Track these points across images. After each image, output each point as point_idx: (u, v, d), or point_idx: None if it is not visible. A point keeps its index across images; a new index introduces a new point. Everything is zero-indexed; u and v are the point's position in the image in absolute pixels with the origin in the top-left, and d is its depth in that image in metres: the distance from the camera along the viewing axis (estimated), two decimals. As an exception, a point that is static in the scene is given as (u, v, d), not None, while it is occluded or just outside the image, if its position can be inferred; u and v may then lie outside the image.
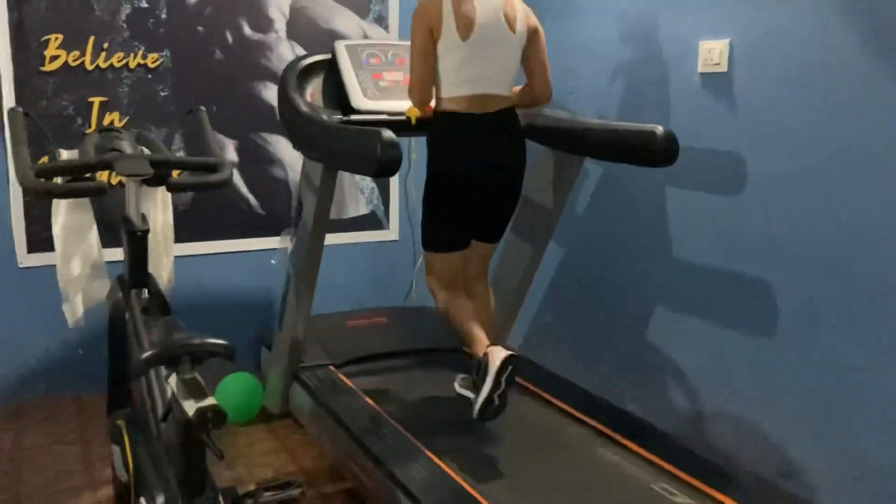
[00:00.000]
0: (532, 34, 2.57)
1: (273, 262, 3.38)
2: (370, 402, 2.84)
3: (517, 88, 2.68)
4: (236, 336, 3.61)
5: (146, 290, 2.22)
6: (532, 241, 3.11)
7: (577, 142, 2.80)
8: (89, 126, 3.33)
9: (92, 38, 3.30)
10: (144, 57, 3.40)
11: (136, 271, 2.20)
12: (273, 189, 3.74)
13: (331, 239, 3.82)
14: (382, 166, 2.19)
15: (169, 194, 2.52)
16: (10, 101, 3.19)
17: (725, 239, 2.69)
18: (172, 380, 1.70)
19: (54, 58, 3.25)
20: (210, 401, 1.61)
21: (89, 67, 3.31)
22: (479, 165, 2.53)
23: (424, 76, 2.51)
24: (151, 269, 2.51)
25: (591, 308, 3.35)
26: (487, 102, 2.51)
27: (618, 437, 2.58)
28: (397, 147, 2.19)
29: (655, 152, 2.50)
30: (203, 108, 2.54)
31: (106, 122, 3.36)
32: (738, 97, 2.60)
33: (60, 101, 3.29)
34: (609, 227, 3.21)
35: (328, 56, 3.00)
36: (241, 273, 3.73)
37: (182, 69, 3.48)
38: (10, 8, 3.15)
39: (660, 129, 2.50)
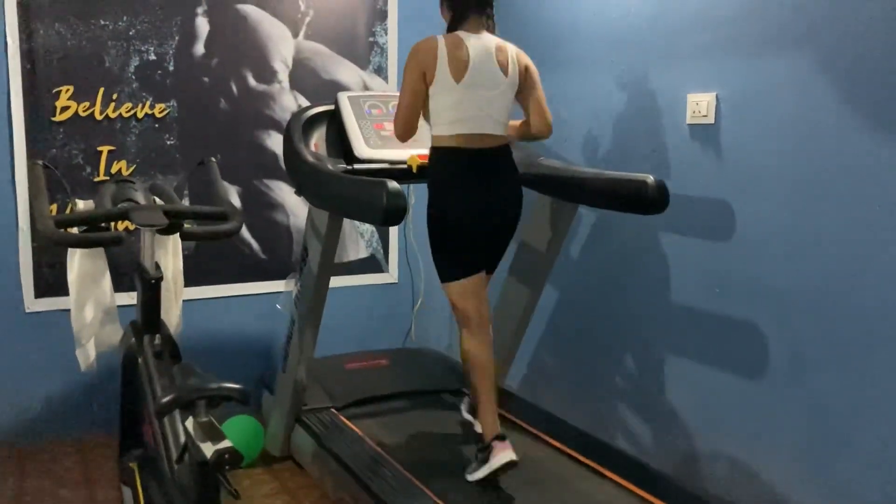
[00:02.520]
0: (524, 73, 2.68)
1: (279, 306, 3.46)
2: (372, 444, 2.90)
3: (515, 123, 2.77)
4: (237, 379, 3.70)
5: (158, 336, 2.29)
6: (529, 284, 3.20)
7: (571, 190, 2.91)
8: (98, 174, 3.43)
9: (102, 90, 3.41)
10: (152, 107, 3.52)
11: (149, 317, 2.28)
12: (275, 234, 3.83)
13: (331, 282, 3.92)
14: (389, 215, 2.28)
15: (180, 242, 2.61)
16: (21, 150, 3.29)
17: (716, 283, 2.79)
18: (189, 422, 1.77)
19: (65, 108, 3.36)
20: (226, 443, 1.68)
21: (98, 117, 3.42)
22: (477, 196, 2.61)
23: (409, 112, 2.62)
24: (162, 314, 2.60)
25: (586, 349, 3.43)
26: (482, 140, 2.61)
27: (613, 475, 2.65)
28: (403, 197, 2.29)
29: (647, 201, 2.60)
30: (214, 159, 2.63)
31: (114, 170, 3.46)
32: (725, 147, 2.72)
33: (70, 150, 3.39)
34: (603, 270, 3.31)
35: (331, 107, 3.12)
36: (243, 317, 3.80)
37: (188, 119, 3.59)
38: (24, 60, 3.27)
39: (651, 179, 2.60)
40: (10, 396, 3.41)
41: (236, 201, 3.71)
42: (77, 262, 2.44)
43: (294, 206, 3.84)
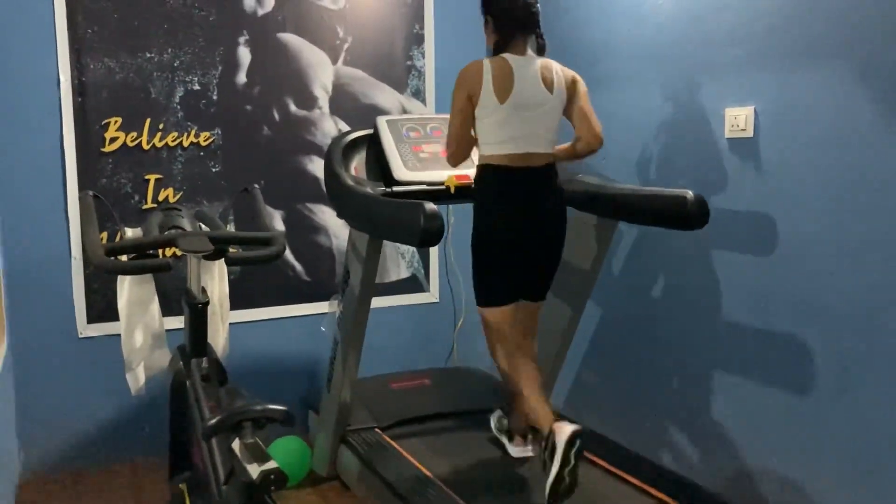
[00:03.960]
0: (571, 86, 2.68)
1: (323, 328, 3.50)
2: (416, 464, 2.91)
3: (563, 146, 2.75)
4: (283, 400, 3.75)
5: (205, 359, 2.34)
6: (570, 302, 3.20)
7: (610, 206, 2.91)
8: (146, 202, 3.53)
9: (148, 120, 3.52)
10: (197, 136, 3.61)
11: (196, 341, 2.34)
12: (318, 256, 3.89)
13: (373, 302, 3.95)
14: (426, 237, 2.31)
15: (225, 266, 2.67)
16: (73, 180, 3.40)
17: (760, 298, 2.76)
18: (236, 444, 1.81)
19: (114, 139, 3.47)
20: (272, 464, 1.72)
21: (146, 147, 3.52)
22: (523, 217, 2.62)
23: (460, 134, 2.65)
24: (209, 338, 2.66)
25: (629, 366, 3.41)
26: (528, 158, 2.61)
27: (659, 493, 2.62)
28: (439, 218, 2.32)
29: (687, 216, 2.59)
30: (256, 186, 2.69)
31: (161, 198, 3.55)
32: (765, 161, 2.70)
33: (119, 179, 3.49)
34: (645, 287, 3.29)
35: (370, 131, 3.17)
36: (288, 338, 3.86)
37: (232, 146, 3.68)
38: (75, 94, 3.39)
39: (690, 194, 2.59)
40: (65, 419, 3.50)
41: (280, 226, 3.78)
42: (126, 289, 2.51)
43: (336, 229, 3.90)
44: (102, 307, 3.47)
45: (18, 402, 3.41)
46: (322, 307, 3.84)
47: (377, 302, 3.97)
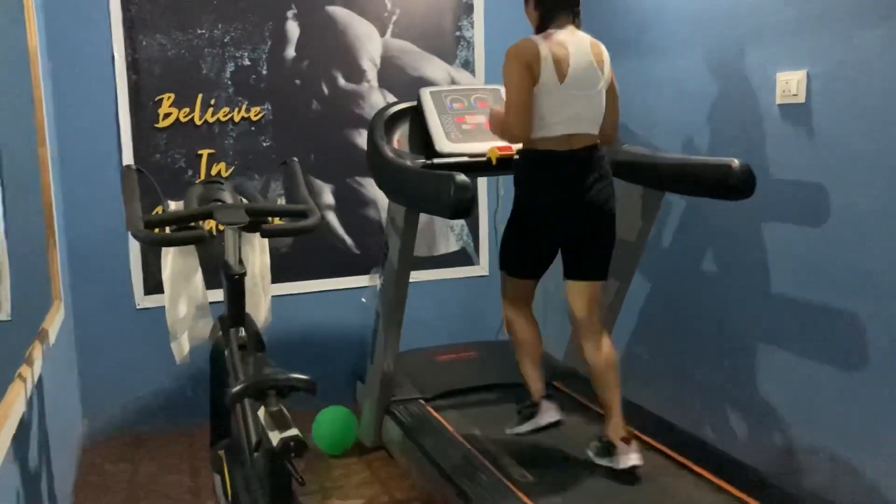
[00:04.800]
0: (611, 78, 2.63)
1: (363, 300, 3.54)
2: (458, 435, 2.93)
3: None
4: (335, 370, 3.81)
5: (243, 329, 2.39)
6: (617, 274, 3.13)
7: (655, 177, 2.84)
8: (199, 176, 3.61)
9: (200, 96, 3.59)
10: (248, 111, 3.66)
11: (234, 311, 2.37)
12: (368, 229, 3.92)
13: (422, 275, 3.99)
14: (456, 209, 2.29)
15: (266, 239, 2.71)
16: (128, 155, 3.51)
17: (813, 270, 2.65)
18: (261, 412, 1.84)
19: (167, 115, 3.55)
20: (292, 431, 1.73)
21: (198, 123, 3.60)
22: (566, 202, 2.57)
23: (522, 110, 2.51)
24: (250, 309, 2.68)
25: (680, 341, 3.33)
26: (576, 140, 2.55)
27: (707, 473, 2.57)
28: (469, 189, 2.29)
29: (731, 185, 2.51)
30: (296, 159, 2.72)
31: (213, 172, 3.63)
32: (818, 128, 2.58)
33: (173, 154, 3.58)
34: (695, 259, 3.20)
35: (414, 103, 3.16)
36: (340, 310, 3.91)
37: (282, 120, 3.72)
38: (129, 71, 3.47)
39: (735, 163, 2.50)
40: (124, 387, 3.64)
41: (330, 199, 3.81)
42: (170, 261, 2.57)
43: (385, 202, 3.89)
44: (159, 279, 3.54)
45: (81, 371, 3.56)
46: (367, 280, 3.88)
47: (426, 275, 4.01)
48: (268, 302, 2.76)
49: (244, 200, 2.62)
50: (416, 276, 4.05)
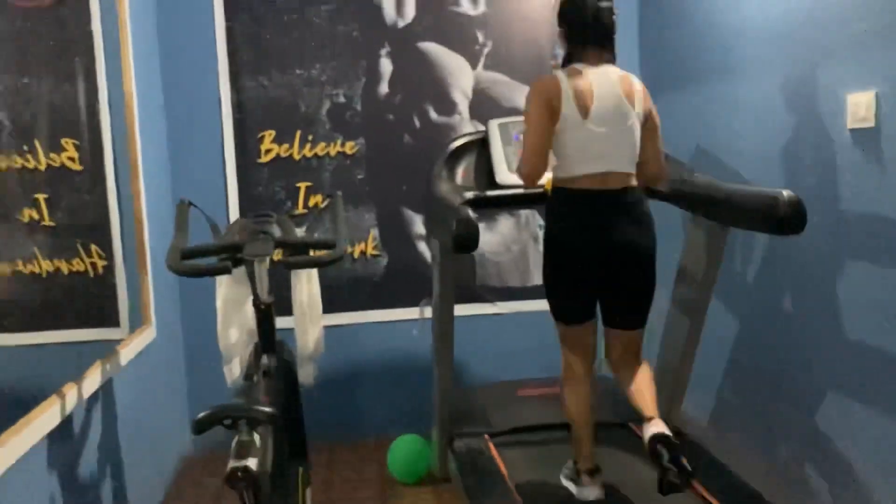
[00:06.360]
0: (649, 114, 2.50)
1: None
2: (507, 478, 2.82)
3: None
4: (413, 399, 3.83)
5: (273, 356, 2.50)
6: (689, 312, 2.95)
7: (707, 207, 2.65)
8: (297, 208, 3.82)
9: (299, 132, 3.81)
10: (343, 145, 3.83)
11: (264, 339, 2.49)
12: (458, 259, 3.92)
13: (518, 306, 3.94)
14: (457, 243, 2.28)
15: (315, 270, 2.82)
16: (233, 189, 3.79)
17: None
18: (235, 440, 1.92)
19: (268, 151, 3.80)
20: (244, 462, 1.81)
21: (297, 157, 3.82)
22: (591, 242, 2.46)
23: (537, 153, 2.46)
24: (298, 337, 2.82)
25: (765, 386, 3.03)
26: (609, 180, 2.44)
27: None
28: (472, 225, 2.27)
29: (778, 218, 2.28)
30: (339, 193, 2.82)
31: (311, 203, 3.83)
32: (888, 155, 2.27)
33: (273, 186, 3.82)
34: (776, 297, 2.90)
35: (482, 135, 3.16)
36: (424, 338, 3.93)
37: (375, 153, 3.86)
38: (235, 111, 3.76)
39: (784, 194, 2.28)
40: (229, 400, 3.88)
41: (420, 229, 3.87)
42: (223, 289, 2.75)
43: (477, 233, 3.91)
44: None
45: (190, 389, 3.85)
46: (461, 310, 3.88)
47: (521, 306, 3.94)
48: (317, 331, 2.86)
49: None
50: (511, 307, 4.04)
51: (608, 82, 2.44)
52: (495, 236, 3.98)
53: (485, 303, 3.98)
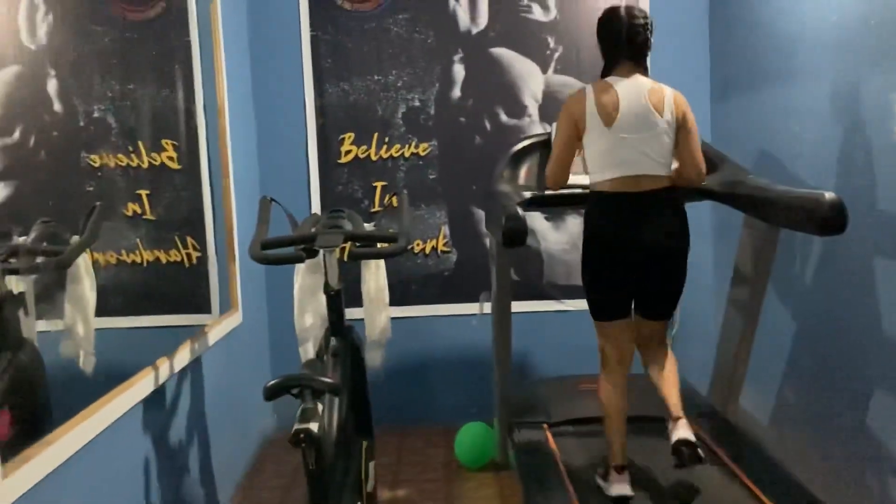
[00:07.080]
0: (682, 120, 2.61)
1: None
2: (561, 466, 2.94)
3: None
4: (483, 388, 4.01)
5: (341, 338, 2.73)
6: (743, 312, 3.02)
7: (756, 207, 2.73)
8: (373, 206, 4.06)
9: (376, 135, 4.05)
10: (416, 146, 4.05)
11: (334, 323, 2.73)
12: (526, 257, 4.09)
13: (583, 304, 4.05)
14: (506, 238, 2.44)
15: (382, 261, 3.04)
16: (315, 188, 4.06)
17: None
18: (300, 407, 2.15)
19: (348, 152, 4.06)
20: (306, 425, 2.02)
21: (374, 158, 4.06)
22: (627, 243, 2.59)
23: (560, 162, 2.70)
24: (367, 323, 3.05)
25: (819, 385, 3.07)
26: (639, 182, 2.58)
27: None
28: (519, 220, 2.43)
29: (820, 219, 2.35)
30: (405, 191, 3.04)
31: (385, 202, 4.06)
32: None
33: (352, 186, 4.07)
34: (835, 298, 2.95)
35: (547, 136, 3.32)
36: (488, 329, 4.11)
37: (447, 155, 4.06)
38: (317, 115, 4.04)
39: (827, 196, 2.35)
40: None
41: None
42: (300, 277, 3.00)
43: (544, 232, 4.07)
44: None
45: (272, 365, 4.14)
46: (529, 306, 4.05)
47: (586, 304, 4.05)
48: (384, 318, 3.07)
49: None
50: (578, 304, 4.14)
51: (636, 94, 2.59)
52: (563, 235, 4.12)
53: (552, 300, 4.13)
